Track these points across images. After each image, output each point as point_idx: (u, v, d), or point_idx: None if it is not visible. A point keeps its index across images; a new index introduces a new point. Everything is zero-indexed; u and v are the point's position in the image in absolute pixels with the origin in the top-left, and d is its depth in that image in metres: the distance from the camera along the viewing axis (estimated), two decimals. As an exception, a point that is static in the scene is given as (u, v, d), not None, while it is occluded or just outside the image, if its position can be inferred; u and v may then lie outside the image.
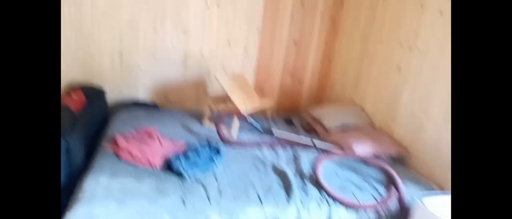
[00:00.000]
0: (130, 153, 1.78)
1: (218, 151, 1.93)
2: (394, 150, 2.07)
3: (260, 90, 2.92)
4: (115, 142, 1.89)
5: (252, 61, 2.88)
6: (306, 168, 1.88)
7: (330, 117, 2.48)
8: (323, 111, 2.60)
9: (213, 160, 1.84)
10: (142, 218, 1.38)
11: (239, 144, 2.13)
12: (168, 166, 1.73)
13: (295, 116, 2.81)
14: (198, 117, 2.48)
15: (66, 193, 1.56)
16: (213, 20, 2.69)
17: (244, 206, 1.53)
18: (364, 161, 2.01)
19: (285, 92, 3.04)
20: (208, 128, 2.33)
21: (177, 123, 2.31)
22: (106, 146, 1.87)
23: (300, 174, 1.83)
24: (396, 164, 2.03)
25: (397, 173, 1.83)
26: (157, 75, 2.71)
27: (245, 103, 2.39)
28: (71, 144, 1.72)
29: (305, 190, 1.67)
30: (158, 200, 1.47)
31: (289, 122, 2.65)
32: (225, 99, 2.58)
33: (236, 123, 2.30)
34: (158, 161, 1.75)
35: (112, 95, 2.62)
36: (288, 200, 1.59)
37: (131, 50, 2.59)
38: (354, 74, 2.73)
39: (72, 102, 1.97)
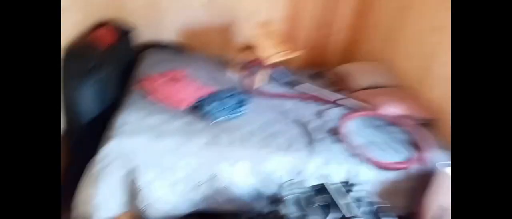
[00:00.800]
0: (159, 93, 1.81)
1: (243, 100, 1.94)
2: (423, 113, 2.02)
3: (288, 40, 2.83)
4: (144, 82, 1.92)
5: (280, 9, 2.75)
6: (330, 124, 1.88)
7: (358, 74, 2.41)
8: (352, 68, 2.52)
9: (239, 107, 1.86)
10: (172, 154, 1.45)
11: (264, 94, 2.13)
12: (197, 108, 1.76)
13: (323, 70, 2.74)
14: (224, 63, 2.45)
15: (99, 128, 1.64)
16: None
17: (267, 154, 1.57)
18: (390, 121, 1.99)
19: (313, 44, 2.93)
20: (233, 76, 2.32)
21: (204, 68, 2.31)
22: (135, 85, 1.91)
23: (324, 129, 1.83)
24: (424, 128, 2.00)
25: (424, 137, 1.81)
26: (183, 16, 2.65)
27: (271, 53, 2.34)
28: (105, 76, 1.76)
29: (327, 145, 1.69)
30: (187, 139, 1.52)
31: (315, 77, 2.60)
32: (251, 47, 2.52)
33: (261, 72, 2.27)
34: (185, 102, 1.79)
35: (138, 35, 2.60)
36: (310, 153, 1.62)
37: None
38: (387, 31, 2.58)
39: (102, 37, 1.97)
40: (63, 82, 1.65)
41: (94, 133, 1.66)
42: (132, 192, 1.46)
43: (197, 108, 1.76)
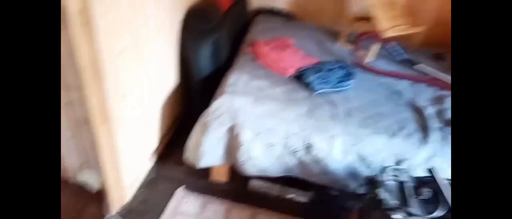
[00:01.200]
0: (266, 59, 1.86)
1: (350, 74, 1.84)
2: None
3: (411, 13, 2.51)
4: (254, 46, 1.99)
5: (407, -23, 2.42)
6: (450, 113, 1.64)
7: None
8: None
9: (345, 81, 1.78)
10: (273, 118, 1.50)
11: (374, 70, 1.97)
12: (300, 77, 1.75)
13: (448, 52, 2.37)
14: (334, 35, 2.35)
15: (212, 85, 1.79)
16: None
17: (371, 134, 1.48)
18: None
19: (441, 20, 2.53)
20: (343, 48, 2.20)
21: (312, 38, 2.25)
22: (246, 49, 2.00)
23: (442, 118, 1.61)
24: None
25: None
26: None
27: (388, 26, 2.11)
28: (219, 38, 1.89)
29: (443, 137, 1.48)
30: (288, 106, 1.54)
31: (437, 58, 2.26)
32: (367, 18, 2.33)
33: (375, 47, 2.09)
34: (290, 70, 1.79)
35: (252, 1, 2.68)
36: (422, 142, 1.45)
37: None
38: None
39: (221, 1, 2.10)
40: (182, 40, 1.84)
41: (207, 88, 1.83)
42: (234, 146, 1.57)
43: (300, 77, 1.75)
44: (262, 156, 1.55)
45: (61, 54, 1.21)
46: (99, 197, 1.58)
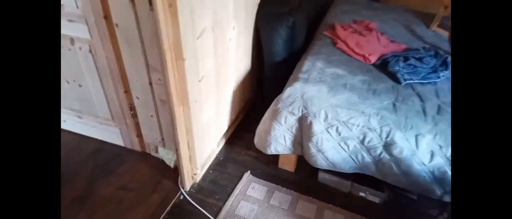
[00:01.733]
0: (346, 43, 1.73)
1: (445, 63, 1.60)
2: None
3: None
4: (333, 29, 1.86)
5: None
6: None
7: None
8: None
9: (437, 72, 1.55)
10: (350, 109, 1.38)
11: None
12: (383, 65, 1.59)
13: None
14: (426, 19, 2.07)
15: (287, 67, 1.73)
16: None
17: (467, 136, 1.26)
18: None
19: None
20: (436, 34, 1.93)
21: (399, 22, 2.02)
22: (324, 32, 1.88)
23: None
24: None
25: None
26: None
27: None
28: (296, 22, 1.81)
29: None
30: (368, 98, 1.41)
31: None
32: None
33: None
34: (373, 57, 1.63)
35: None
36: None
37: None
38: None
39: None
40: (258, 24, 1.80)
41: (280, 74, 1.78)
42: (304, 136, 1.51)
43: (384, 66, 1.58)
44: (334, 150, 1.45)
45: (147, 36, 1.27)
46: (175, 172, 1.69)
